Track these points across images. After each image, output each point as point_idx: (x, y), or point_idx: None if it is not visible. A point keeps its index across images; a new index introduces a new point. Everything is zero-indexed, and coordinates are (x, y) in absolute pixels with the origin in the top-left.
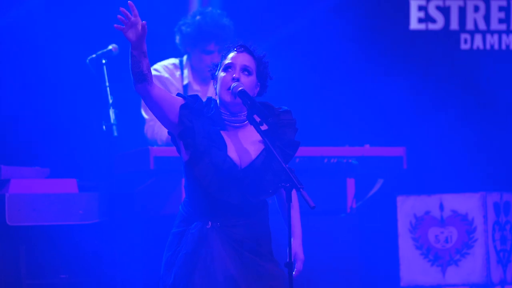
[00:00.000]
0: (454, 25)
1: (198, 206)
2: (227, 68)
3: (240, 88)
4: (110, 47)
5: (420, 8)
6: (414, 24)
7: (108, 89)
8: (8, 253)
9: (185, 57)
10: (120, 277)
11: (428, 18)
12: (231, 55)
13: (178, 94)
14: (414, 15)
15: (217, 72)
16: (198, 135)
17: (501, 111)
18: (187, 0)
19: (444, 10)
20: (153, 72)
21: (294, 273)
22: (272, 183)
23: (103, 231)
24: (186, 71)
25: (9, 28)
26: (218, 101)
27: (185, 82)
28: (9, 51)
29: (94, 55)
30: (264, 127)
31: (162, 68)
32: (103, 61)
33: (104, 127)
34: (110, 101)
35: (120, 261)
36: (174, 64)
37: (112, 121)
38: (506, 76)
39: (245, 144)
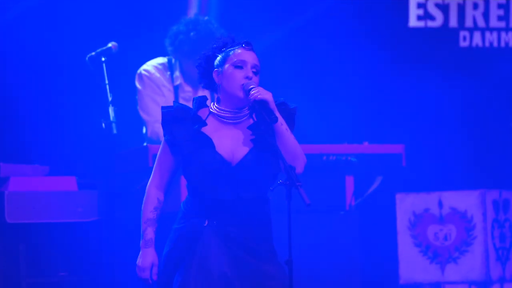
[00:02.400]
0: (453, 22)
1: (195, 204)
2: (239, 65)
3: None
4: (109, 45)
5: (419, 5)
6: (413, 22)
7: (107, 87)
8: (7, 250)
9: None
10: (120, 274)
11: (427, 16)
12: (240, 51)
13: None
14: (413, 12)
15: (224, 67)
16: (180, 140)
17: (500, 108)
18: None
19: (443, 8)
20: (144, 73)
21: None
22: (265, 178)
23: (102, 229)
24: (177, 72)
25: (8, 26)
26: (222, 97)
27: (176, 83)
28: (8, 49)
29: (93, 53)
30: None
31: (152, 68)
32: (103, 59)
33: (103, 125)
34: (110, 99)
35: (120, 259)
36: (163, 64)
37: (111, 119)
38: (505, 73)
39: (238, 140)
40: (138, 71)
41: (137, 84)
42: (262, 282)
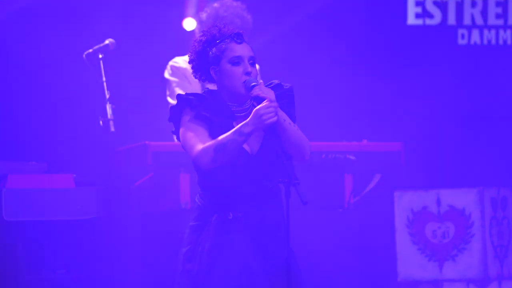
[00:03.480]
0: (451, 20)
1: (217, 199)
2: (236, 61)
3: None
4: (107, 41)
5: (418, 3)
6: (411, 20)
7: (105, 84)
8: (5, 248)
9: None
10: (118, 272)
11: (425, 13)
12: (233, 46)
13: (186, 103)
14: (412, 10)
15: (221, 65)
16: (216, 131)
17: (498, 106)
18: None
19: (442, 5)
20: (172, 64)
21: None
22: (280, 165)
23: (100, 227)
24: None
25: (5, 23)
26: (224, 93)
27: None
28: (5, 47)
29: (90, 50)
30: None
31: (181, 60)
32: (100, 56)
33: (101, 122)
34: (107, 96)
35: (118, 257)
36: None
37: (109, 116)
38: (503, 71)
39: None
40: (168, 64)
41: (166, 75)
42: (282, 271)
